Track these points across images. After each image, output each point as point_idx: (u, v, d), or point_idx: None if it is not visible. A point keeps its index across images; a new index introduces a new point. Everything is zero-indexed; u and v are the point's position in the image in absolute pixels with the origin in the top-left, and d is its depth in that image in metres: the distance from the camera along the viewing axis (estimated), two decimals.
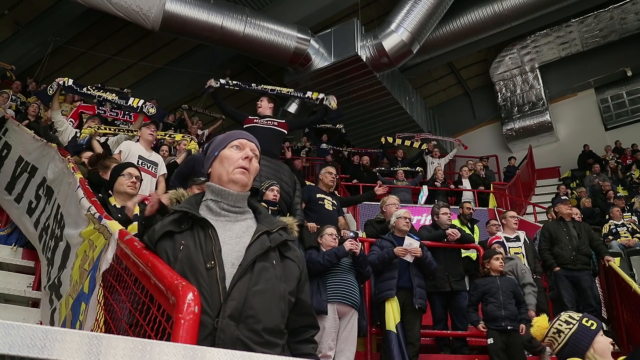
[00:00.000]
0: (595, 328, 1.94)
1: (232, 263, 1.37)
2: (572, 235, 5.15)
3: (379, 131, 12.14)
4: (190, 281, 1.28)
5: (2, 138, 5.42)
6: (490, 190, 9.61)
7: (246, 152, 1.53)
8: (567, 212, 5.37)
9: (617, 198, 8.51)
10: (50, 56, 10.94)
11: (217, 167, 1.54)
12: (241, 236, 1.44)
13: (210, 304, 1.29)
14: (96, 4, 8.75)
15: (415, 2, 10.01)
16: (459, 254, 5.05)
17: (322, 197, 4.91)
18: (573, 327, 1.95)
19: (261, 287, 1.35)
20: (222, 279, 1.32)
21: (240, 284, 1.33)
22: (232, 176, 1.49)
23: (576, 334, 1.94)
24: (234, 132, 1.61)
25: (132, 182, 3.12)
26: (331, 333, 3.69)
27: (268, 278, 1.38)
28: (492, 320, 4.06)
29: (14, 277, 4.20)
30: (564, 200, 5.82)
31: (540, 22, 11.92)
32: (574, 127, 13.92)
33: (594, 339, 1.91)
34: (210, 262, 1.34)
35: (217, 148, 1.56)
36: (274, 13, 10.76)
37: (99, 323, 1.87)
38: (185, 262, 1.34)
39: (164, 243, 1.41)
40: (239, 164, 1.50)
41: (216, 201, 1.49)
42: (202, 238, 1.39)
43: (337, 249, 3.83)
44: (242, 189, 1.51)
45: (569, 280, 5.01)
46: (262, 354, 0.90)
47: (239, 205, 1.50)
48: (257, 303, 1.33)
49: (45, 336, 0.72)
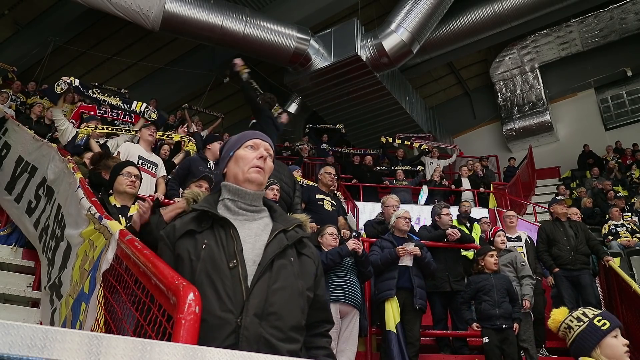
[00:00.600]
0: (607, 328, 1.88)
1: (253, 261, 1.39)
2: (570, 235, 5.15)
3: (379, 131, 12.14)
4: (214, 280, 1.33)
5: (2, 138, 5.43)
6: (490, 190, 9.61)
7: (260, 152, 1.55)
8: (562, 212, 5.37)
9: (617, 198, 8.51)
10: (50, 56, 10.94)
11: (233, 166, 1.56)
12: (259, 234, 1.46)
13: (234, 302, 1.32)
14: (96, 4, 8.75)
15: (415, 2, 10.01)
16: (459, 254, 5.06)
17: (322, 197, 4.91)
18: (582, 325, 1.93)
19: (281, 284, 1.38)
20: (244, 278, 1.35)
21: (261, 282, 1.35)
22: (248, 175, 1.52)
23: (584, 333, 1.91)
24: (248, 132, 1.63)
25: (131, 181, 3.10)
26: (332, 333, 3.67)
27: (287, 275, 1.41)
28: (487, 319, 4.08)
29: (14, 277, 4.20)
30: (559, 200, 5.82)
31: (540, 22, 11.91)
32: (574, 127, 13.92)
33: (602, 339, 1.86)
34: (232, 261, 1.37)
35: (232, 148, 1.59)
36: (274, 13, 10.76)
37: (99, 323, 1.87)
38: (208, 261, 1.36)
39: (185, 241, 1.42)
40: (254, 164, 1.53)
41: (234, 200, 1.51)
42: (223, 237, 1.41)
43: (341, 248, 3.83)
44: (258, 187, 1.53)
45: (568, 280, 5.00)
46: (263, 354, 0.91)
47: (255, 204, 1.52)
48: (278, 300, 1.35)
49: (45, 336, 0.72)
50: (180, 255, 1.40)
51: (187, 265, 1.37)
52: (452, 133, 15.00)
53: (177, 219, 1.50)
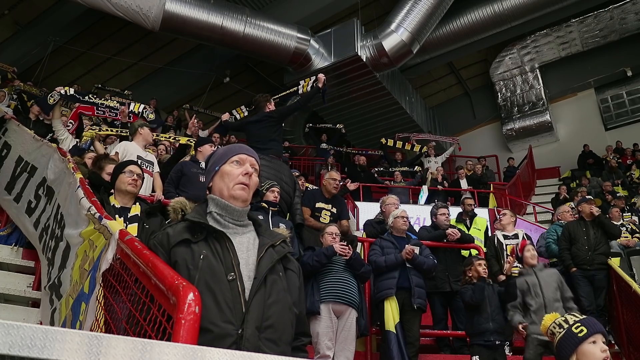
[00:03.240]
0: (583, 335, 1.86)
1: (248, 276, 1.42)
2: (590, 235, 5.17)
3: (379, 131, 12.14)
4: (215, 291, 1.35)
5: (1, 138, 5.42)
6: (489, 190, 9.61)
7: (246, 168, 1.56)
8: (589, 212, 5.35)
9: (617, 198, 8.51)
10: (50, 56, 10.95)
11: (218, 182, 1.57)
12: (250, 249, 1.49)
13: (234, 314, 1.34)
14: (96, 4, 8.75)
15: (415, 2, 10.02)
16: (459, 254, 5.05)
17: (321, 207, 4.85)
18: (562, 332, 1.93)
19: (274, 298, 1.42)
20: (243, 291, 1.38)
21: (258, 296, 1.39)
22: (233, 192, 1.53)
23: (562, 339, 1.92)
24: (233, 147, 1.64)
25: (133, 179, 3.09)
26: (327, 333, 3.65)
27: (278, 290, 1.45)
28: (479, 335, 3.77)
29: (14, 277, 4.19)
30: (588, 199, 5.74)
31: (540, 22, 11.92)
32: (574, 127, 13.92)
33: (577, 346, 1.85)
34: (230, 273, 1.39)
35: (218, 163, 1.59)
36: (274, 13, 10.76)
37: (99, 323, 1.87)
38: (207, 272, 1.38)
39: (181, 250, 1.43)
40: (239, 180, 1.54)
41: (221, 215, 1.53)
42: (219, 249, 1.43)
43: (326, 249, 3.81)
44: (243, 204, 1.55)
45: (586, 279, 5.01)
46: (262, 354, 0.91)
47: (242, 219, 1.55)
48: (273, 314, 1.40)
49: (45, 336, 0.71)
50: (178, 262, 1.41)
51: (184, 273, 1.38)
52: (452, 133, 14.98)
53: (168, 228, 1.51)
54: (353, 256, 3.85)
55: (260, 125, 4.64)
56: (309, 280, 3.76)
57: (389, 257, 4.15)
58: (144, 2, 8.88)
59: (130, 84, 12.51)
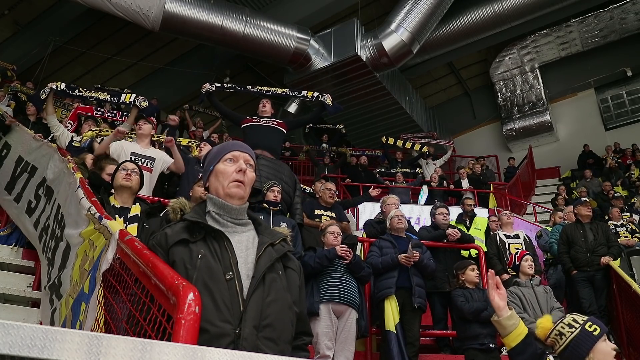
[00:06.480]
0: (598, 333, 1.90)
1: (246, 275, 1.42)
2: (588, 237, 5.15)
3: (379, 131, 12.13)
4: (212, 290, 1.35)
5: (2, 138, 5.43)
6: (489, 190, 9.61)
7: (240, 165, 1.55)
8: (585, 214, 5.33)
9: (616, 198, 8.50)
10: (50, 56, 10.94)
11: (214, 181, 1.57)
12: (249, 248, 1.49)
13: (232, 313, 1.34)
14: (96, 4, 8.74)
15: (415, 2, 10.01)
16: (459, 254, 5.06)
17: (320, 213, 4.90)
18: (575, 331, 1.93)
19: (273, 297, 1.41)
20: (241, 290, 1.38)
21: (255, 295, 1.38)
22: (228, 190, 1.53)
23: (577, 338, 1.91)
24: (226, 144, 1.63)
25: (127, 174, 3.12)
26: (327, 333, 3.66)
27: (277, 289, 1.44)
28: (473, 338, 3.77)
29: (14, 277, 4.19)
30: (583, 201, 5.71)
31: (540, 22, 11.91)
32: (573, 127, 13.92)
33: (594, 344, 1.88)
34: (228, 273, 1.39)
35: (212, 162, 1.59)
36: (274, 13, 10.76)
37: (99, 323, 1.87)
38: (205, 271, 1.38)
39: (179, 249, 1.43)
40: (233, 178, 1.53)
41: (220, 214, 1.52)
42: (217, 249, 1.43)
43: (328, 252, 3.81)
44: (239, 202, 1.54)
45: (587, 280, 5.01)
46: (262, 354, 0.91)
47: (240, 217, 1.54)
48: (272, 313, 1.39)
49: (45, 336, 0.71)
50: (176, 262, 1.41)
51: (182, 272, 1.37)
52: (452, 133, 15.00)
53: (167, 228, 1.51)
54: (353, 260, 3.85)
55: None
56: (308, 281, 3.76)
57: (384, 259, 4.15)
58: (144, 2, 8.88)
59: (130, 84, 12.49)
